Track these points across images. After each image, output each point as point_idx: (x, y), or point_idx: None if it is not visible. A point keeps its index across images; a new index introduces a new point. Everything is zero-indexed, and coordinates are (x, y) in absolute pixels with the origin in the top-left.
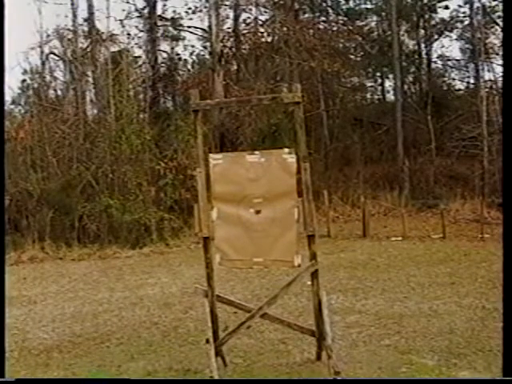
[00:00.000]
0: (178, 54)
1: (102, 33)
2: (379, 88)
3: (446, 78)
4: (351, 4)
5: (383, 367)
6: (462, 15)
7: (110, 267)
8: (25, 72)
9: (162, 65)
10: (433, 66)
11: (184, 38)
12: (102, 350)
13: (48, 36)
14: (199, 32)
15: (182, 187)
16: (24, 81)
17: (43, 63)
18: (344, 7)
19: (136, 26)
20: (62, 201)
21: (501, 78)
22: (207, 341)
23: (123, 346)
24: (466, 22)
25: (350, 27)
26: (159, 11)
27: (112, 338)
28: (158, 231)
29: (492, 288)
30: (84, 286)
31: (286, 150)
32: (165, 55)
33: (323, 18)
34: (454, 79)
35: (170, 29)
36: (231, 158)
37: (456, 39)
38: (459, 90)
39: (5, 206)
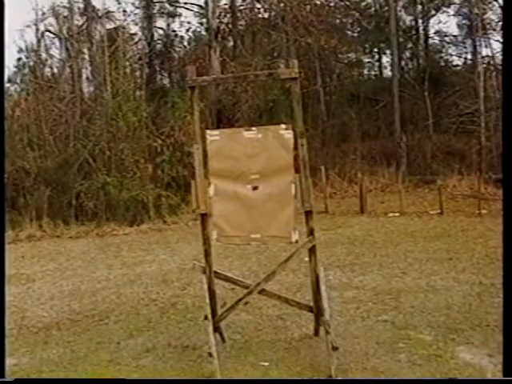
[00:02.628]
0: (174, 31)
1: (98, 10)
2: (376, 64)
3: (443, 54)
4: None
5: (381, 342)
6: None
7: (108, 245)
8: (20, 50)
9: (159, 42)
10: (430, 41)
11: (180, 15)
12: (100, 328)
13: (43, 14)
14: (195, 8)
15: (179, 164)
16: (20, 59)
17: (39, 41)
18: None
19: (132, 3)
20: (59, 179)
21: (498, 54)
22: (205, 317)
23: (122, 323)
24: None
25: (347, 3)
26: None
27: (110, 315)
28: (155, 208)
29: (489, 263)
30: (82, 263)
31: (283, 125)
32: (161, 32)
33: None
34: (451, 55)
35: (166, 5)
36: (228, 134)
37: (453, 15)
38: (457, 65)
39: (4, 188)
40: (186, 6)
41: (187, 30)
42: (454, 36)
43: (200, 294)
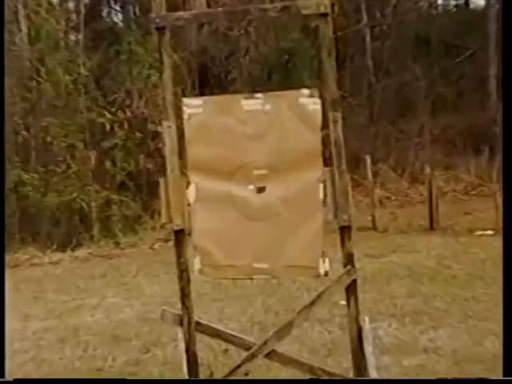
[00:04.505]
0: None
1: None
2: None
3: None
4: None
5: None
6: None
7: (25, 280)
8: None
9: None
10: None
11: None
12: None
13: None
14: None
15: (139, 152)
16: None
17: None
18: None
19: None
20: None
21: None
22: None
23: None
24: None
25: None
26: None
27: None
28: (101, 222)
29: None
30: None
31: (306, 91)
32: None
33: None
34: None
35: None
36: (218, 104)
37: None
38: None
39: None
40: None
41: None
42: None
43: (173, 360)
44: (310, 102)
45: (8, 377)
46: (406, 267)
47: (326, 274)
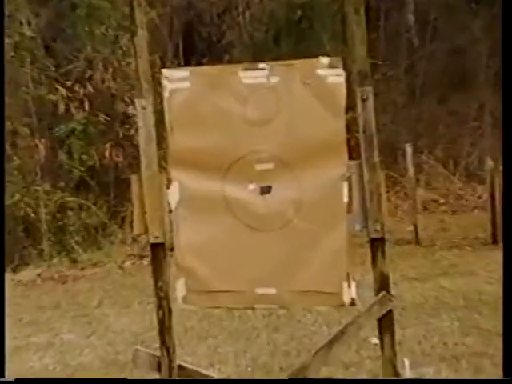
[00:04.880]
0: None
1: None
2: None
3: None
4: None
5: None
6: None
7: None
8: None
9: None
10: None
11: None
12: None
13: None
14: None
15: (104, 140)
16: None
17: None
18: None
19: None
20: None
21: None
22: None
23: None
24: None
25: None
26: None
27: None
28: (53, 233)
29: None
30: None
31: (325, 59)
32: None
33: None
34: None
35: None
36: (208, 77)
37: None
38: None
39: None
40: None
41: None
42: None
43: None
44: (330, 74)
45: None
46: (459, 294)
47: (351, 303)
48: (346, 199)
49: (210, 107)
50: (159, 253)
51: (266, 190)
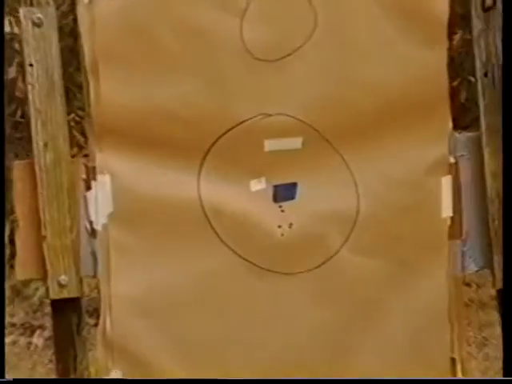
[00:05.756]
0: None
1: None
2: None
3: None
4: None
5: None
6: None
7: None
8: None
9: None
10: None
11: None
12: None
13: None
14: None
15: None
16: None
17: None
18: None
19: None
20: None
21: None
22: None
23: None
24: None
25: None
26: None
27: None
28: None
29: None
30: None
31: None
32: None
33: None
34: None
35: None
36: None
37: None
38: None
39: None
40: None
41: None
42: None
43: None
44: None
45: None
46: None
47: None
48: (447, 211)
49: (171, 24)
50: (69, 317)
51: (284, 193)
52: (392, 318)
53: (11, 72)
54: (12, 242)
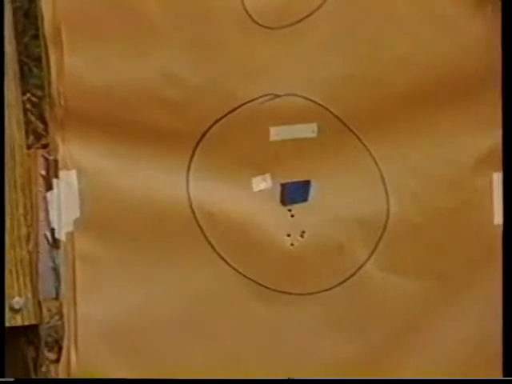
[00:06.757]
0: None
1: None
2: None
3: None
4: None
5: None
6: None
7: None
8: None
9: None
10: None
11: None
12: None
13: None
14: None
15: None
16: None
17: None
18: None
19: None
20: None
21: None
22: None
23: None
24: None
25: None
26: None
27: None
28: None
29: None
30: None
31: None
32: None
33: None
34: None
35: None
36: None
37: None
38: None
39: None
40: None
41: None
42: None
43: None
44: None
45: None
46: None
47: None
48: (499, 217)
49: None
50: (24, 350)
51: (295, 193)
52: (432, 349)
53: None
54: None
